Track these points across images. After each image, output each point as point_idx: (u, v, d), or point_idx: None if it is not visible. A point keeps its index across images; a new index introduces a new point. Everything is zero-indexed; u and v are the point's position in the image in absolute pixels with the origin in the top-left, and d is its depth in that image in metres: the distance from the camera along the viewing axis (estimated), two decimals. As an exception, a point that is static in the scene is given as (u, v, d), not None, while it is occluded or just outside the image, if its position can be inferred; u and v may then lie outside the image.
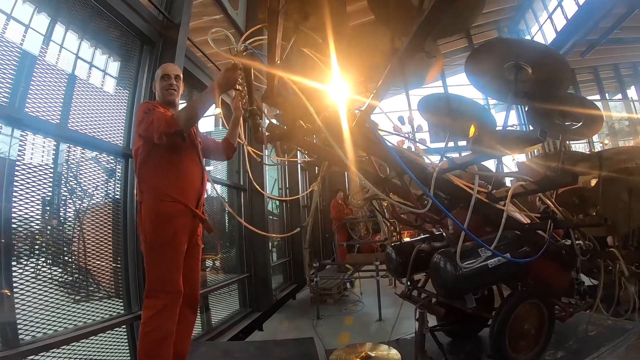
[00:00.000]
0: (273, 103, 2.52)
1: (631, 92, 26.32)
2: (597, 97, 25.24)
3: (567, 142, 8.81)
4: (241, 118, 3.17)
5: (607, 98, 25.54)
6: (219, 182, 6.94)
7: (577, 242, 2.97)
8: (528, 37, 23.53)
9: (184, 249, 2.86)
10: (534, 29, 23.26)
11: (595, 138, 21.83)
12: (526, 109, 2.77)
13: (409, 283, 2.95)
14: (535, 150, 8.96)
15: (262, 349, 4.10)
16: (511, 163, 12.84)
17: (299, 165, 10.54)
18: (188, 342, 3.15)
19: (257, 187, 3.94)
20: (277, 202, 10.29)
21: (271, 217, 9.92)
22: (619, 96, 25.89)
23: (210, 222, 3.22)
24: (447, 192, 2.58)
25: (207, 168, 6.74)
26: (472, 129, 2.51)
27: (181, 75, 3.22)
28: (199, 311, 5.58)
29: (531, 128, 3.06)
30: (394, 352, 3.13)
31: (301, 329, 6.53)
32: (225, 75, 2.74)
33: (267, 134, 2.70)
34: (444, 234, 3.05)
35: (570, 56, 21.72)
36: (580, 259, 2.90)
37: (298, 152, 3.52)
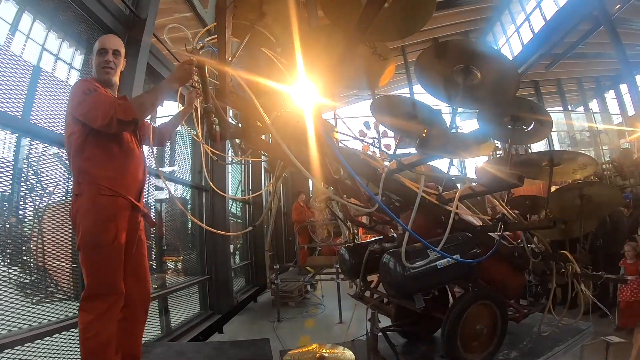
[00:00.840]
0: (226, 101, 2.49)
1: (593, 105, 27.48)
2: (560, 108, 26.24)
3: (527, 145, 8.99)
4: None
5: (570, 110, 26.49)
6: (181, 182, 6.84)
7: (530, 245, 3.04)
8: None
9: (124, 247, 2.65)
10: (502, 41, 23.99)
11: (556, 148, 22.70)
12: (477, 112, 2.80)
13: (361, 284, 2.96)
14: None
15: (217, 350, 4.04)
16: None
17: (262, 166, 10.49)
18: (140, 342, 3.01)
19: (212, 185, 3.89)
20: (240, 204, 10.20)
21: (234, 219, 9.83)
22: (581, 108, 26.89)
23: (153, 217, 3.11)
24: (398, 193, 2.60)
25: (172, 169, 6.72)
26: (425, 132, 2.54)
27: (122, 51, 2.88)
28: (158, 313, 5.55)
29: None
30: (348, 353, 3.11)
31: (262, 331, 6.51)
32: (181, 69, 2.61)
33: (219, 131, 2.65)
34: (394, 235, 3.08)
35: (535, 68, 22.47)
36: (532, 261, 2.94)
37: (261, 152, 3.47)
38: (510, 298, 3.09)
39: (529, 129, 2.81)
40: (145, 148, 3.11)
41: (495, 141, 3.00)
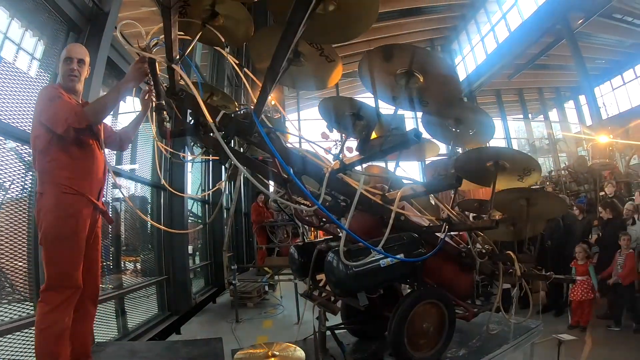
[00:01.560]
0: (176, 99, 2.49)
1: (552, 114, 28.45)
2: (521, 116, 27.11)
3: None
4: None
5: (530, 118, 27.33)
6: (139, 180, 6.72)
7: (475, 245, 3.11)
8: (459, 57, 24.90)
9: (84, 244, 2.79)
10: (466, 49, 24.59)
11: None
12: (420, 115, 2.87)
13: (310, 283, 2.97)
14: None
15: (169, 349, 4.00)
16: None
17: (223, 166, 10.37)
18: (90, 336, 3.11)
19: (165, 183, 3.85)
20: (200, 204, 10.08)
21: (194, 219, 9.73)
22: (541, 117, 27.80)
23: (111, 214, 3.15)
24: (344, 193, 2.62)
25: (132, 167, 6.62)
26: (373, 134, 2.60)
27: (86, 60, 3.05)
28: (115, 315, 5.47)
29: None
30: (299, 351, 3.12)
31: (220, 332, 6.48)
32: (134, 68, 2.73)
33: (169, 128, 2.66)
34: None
35: (498, 77, 23.10)
36: (478, 261, 3.00)
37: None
38: (459, 297, 3.12)
39: (472, 132, 2.89)
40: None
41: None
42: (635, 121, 15.12)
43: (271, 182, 2.72)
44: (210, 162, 6.01)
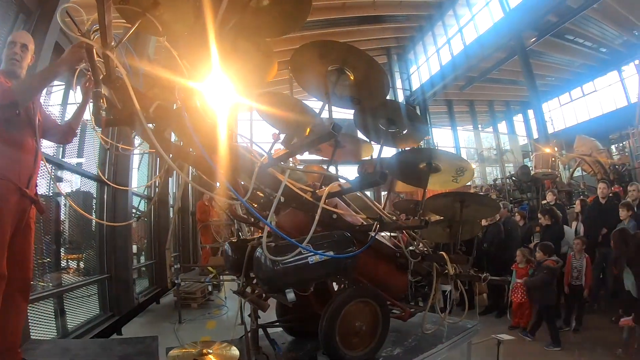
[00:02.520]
0: (111, 87, 2.42)
1: (502, 127, 29.50)
2: (471, 127, 27.98)
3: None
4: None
5: (480, 129, 28.23)
6: (82, 173, 6.48)
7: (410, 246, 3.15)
8: (414, 67, 25.52)
9: (9, 231, 2.69)
10: (422, 60, 25.17)
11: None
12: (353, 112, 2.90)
13: (243, 280, 2.94)
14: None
15: (103, 347, 3.92)
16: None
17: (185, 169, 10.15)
18: (20, 331, 3.00)
19: (102, 176, 3.74)
20: (146, 201, 9.82)
21: (141, 217, 9.50)
22: (490, 129, 28.79)
23: (43, 204, 3.05)
24: (276, 189, 2.61)
25: (79, 160, 6.39)
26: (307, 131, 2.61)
27: (29, 46, 3.00)
28: (53, 314, 5.25)
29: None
30: (234, 350, 3.09)
31: (162, 333, 6.34)
32: (70, 52, 2.66)
33: (104, 117, 2.59)
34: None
35: (450, 88, 23.78)
36: (411, 261, 3.04)
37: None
38: (394, 297, 3.17)
39: (404, 132, 2.94)
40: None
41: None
42: (580, 136, 15.79)
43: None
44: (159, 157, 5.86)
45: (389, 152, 3.62)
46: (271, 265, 2.31)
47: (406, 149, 3.15)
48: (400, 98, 24.24)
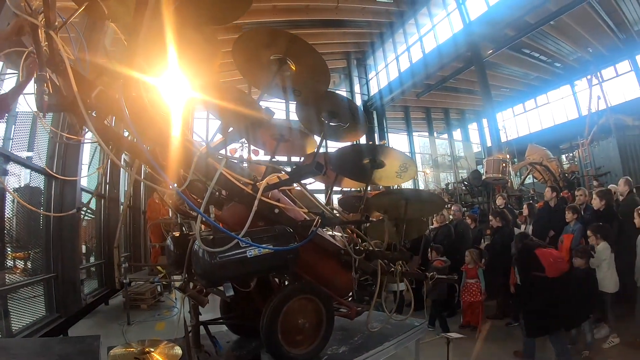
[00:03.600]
0: (54, 69, 2.34)
1: (457, 134, 30.27)
2: (426, 133, 28.57)
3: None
4: None
5: (435, 136, 28.86)
6: (29, 166, 6.21)
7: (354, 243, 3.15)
8: (373, 73, 25.90)
9: None
10: (381, 66, 25.54)
11: (419, 167, 24.85)
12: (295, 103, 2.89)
13: (185, 275, 2.87)
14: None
15: (43, 346, 3.76)
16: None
17: (122, 158, 9.87)
18: None
19: (47, 168, 3.61)
20: (96, 199, 9.51)
21: (90, 215, 9.23)
22: (445, 136, 29.47)
23: None
24: (219, 183, 2.58)
25: (28, 154, 6.12)
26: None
27: None
28: None
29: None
30: (176, 349, 3.03)
31: (110, 334, 6.21)
32: (6, 30, 2.54)
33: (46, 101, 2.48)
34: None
35: (407, 95, 24.22)
36: (354, 258, 3.00)
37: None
38: (341, 295, 3.17)
39: (345, 126, 2.95)
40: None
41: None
42: (532, 145, 16.37)
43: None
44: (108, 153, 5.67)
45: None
46: (208, 259, 2.27)
47: (349, 144, 3.15)
48: (358, 103, 24.44)
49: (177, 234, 3.05)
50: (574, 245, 6.44)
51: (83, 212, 8.57)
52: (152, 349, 3.00)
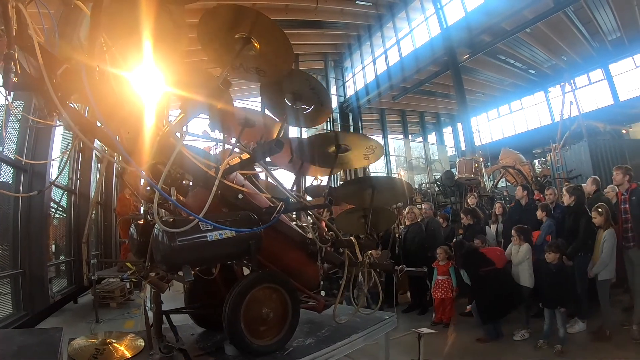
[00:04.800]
0: (22, 45, 2.27)
1: (431, 137, 30.64)
2: (402, 136, 28.86)
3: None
4: None
5: (410, 138, 29.15)
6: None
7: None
8: (350, 75, 26.07)
9: None
10: (358, 68, 25.72)
11: (394, 169, 25.21)
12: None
13: (148, 263, 2.81)
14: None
15: (3, 337, 3.68)
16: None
17: (94, 154, 9.72)
18: None
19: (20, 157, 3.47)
20: (67, 195, 9.32)
21: (60, 213, 9.06)
22: (420, 139, 29.79)
23: None
24: (184, 168, 2.54)
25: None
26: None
27: None
28: None
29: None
30: (139, 340, 2.99)
31: (77, 333, 5.99)
32: None
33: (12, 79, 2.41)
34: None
35: (383, 97, 24.42)
36: (320, 246, 3.00)
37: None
38: (308, 287, 3.13)
39: (309, 109, 2.95)
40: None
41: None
42: (505, 149, 16.62)
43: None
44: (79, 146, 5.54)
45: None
46: (168, 242, 2.24)
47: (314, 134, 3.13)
48: (334, 104, 24.59)
49: (141, 221, 2.98)
50: (539, 242, 6.69)
51: (53, 210, 8.40)
52: (114, 340, 2.96)
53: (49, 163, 6.97)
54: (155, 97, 2.45)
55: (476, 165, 13.19)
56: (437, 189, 17.25)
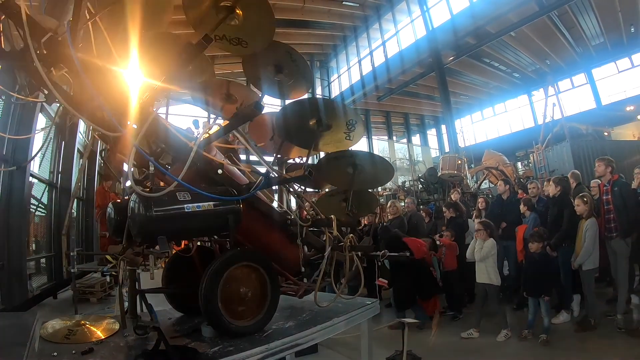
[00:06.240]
0: (7, 13, 2.21)
1: (416, 139, 30.88)
2: (386, 137, 29.04)
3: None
4: None
5: (394, 140, 29.34)
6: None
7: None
8: (335, 75, 26.22)
9: None
10: (343, 69, 25.85)
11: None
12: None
13: (125, 242, 2.75)
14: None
15: (-27, 321, 3.59)
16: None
17: (76, 148, 9.60)
18: None
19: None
20: (47, 188, 9.15)
21: (41, 209, 8.94)
22: (404, 140, 30.00)
23: None
24: (164, 142, 2.51)
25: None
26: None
27: None
28: None
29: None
30: (116, 324, 2.92)
31: (53, 325, 5.92)
32: None
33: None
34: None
35: (368, 98, 24.57)
36: (300, 225, 2.96)
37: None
38: (289, 271, 3.10)
39: (290, 82, 2.93)
40: None
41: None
42: (488, 150, 16.78)
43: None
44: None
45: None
46: (144, 212, 2.20)
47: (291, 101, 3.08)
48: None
49: (118, 200, 2.93)
50: (527, 235, 6.71)
51: (34, 208, 8.26)
52: (89, 323, 2.89)
53: (32, 137, 6.83)
54: (139, 71, 2.41)
55: (459, 162, 13.26)
56: (420, 186, 17.27)
